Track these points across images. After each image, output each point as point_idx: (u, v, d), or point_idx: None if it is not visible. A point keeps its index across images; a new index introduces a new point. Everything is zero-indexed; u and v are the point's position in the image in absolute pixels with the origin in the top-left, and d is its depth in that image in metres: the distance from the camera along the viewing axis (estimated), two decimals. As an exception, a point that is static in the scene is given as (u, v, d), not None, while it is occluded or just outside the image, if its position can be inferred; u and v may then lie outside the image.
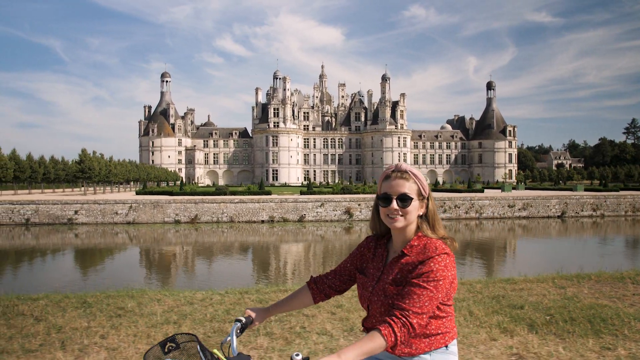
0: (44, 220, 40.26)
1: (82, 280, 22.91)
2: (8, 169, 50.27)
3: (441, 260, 2.16)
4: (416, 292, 2.12)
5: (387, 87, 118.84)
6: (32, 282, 20.76)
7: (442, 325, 2.26)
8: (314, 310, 6.79)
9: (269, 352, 5.22)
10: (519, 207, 46.82)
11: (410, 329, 2.07)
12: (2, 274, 24.39)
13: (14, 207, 39.98)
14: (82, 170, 52.05)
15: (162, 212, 41.59)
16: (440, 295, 2.14)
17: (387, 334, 2.03)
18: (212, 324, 6.25)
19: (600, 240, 37.22)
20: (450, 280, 2.18)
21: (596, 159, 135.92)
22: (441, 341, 2.26)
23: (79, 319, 6.46)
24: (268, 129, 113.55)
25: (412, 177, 2.28)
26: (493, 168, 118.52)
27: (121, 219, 41.02)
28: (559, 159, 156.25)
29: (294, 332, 5.88)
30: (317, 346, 5.43)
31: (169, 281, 22.00)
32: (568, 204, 47.77)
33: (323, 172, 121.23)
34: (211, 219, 42.33)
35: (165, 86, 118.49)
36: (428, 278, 2.13)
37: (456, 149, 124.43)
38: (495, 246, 33.79)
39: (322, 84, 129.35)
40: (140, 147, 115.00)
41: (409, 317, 2.08)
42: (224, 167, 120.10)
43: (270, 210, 43.17)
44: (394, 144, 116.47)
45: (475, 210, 46.13)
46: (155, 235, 37.82)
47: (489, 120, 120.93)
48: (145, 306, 7.14)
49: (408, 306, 2.10)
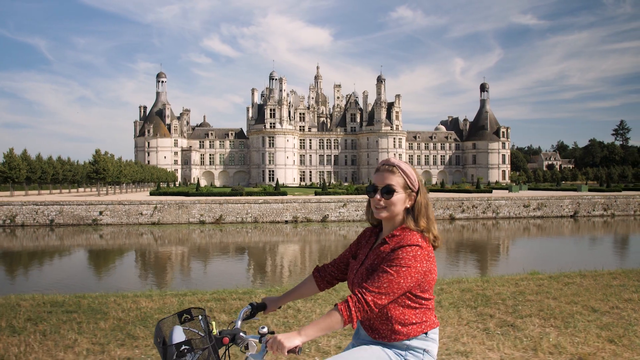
0: (69, 221, 40.05)
1: (97, 279, 23.05)
2: (21, 170, 49.82)
3: (410, 250, 2.26)
4: (378, 274, 2.25)
5: (382, 89, 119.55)
6: (38, 282, 20.91)
7: (416, 315, 2.37)
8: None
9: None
10: (533, 207, 47.84)
11: (364, 305, 2.19)
12: (24, 275, 24.38)
13: (38, 207, 39.72)
14: (96, 170, 51.74)
15: (187, 212, 41.63)
16: (402, 281, 2.23)
17: (342, 309, 2.18)
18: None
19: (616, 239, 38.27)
20: (419, 271, 2.27)
21: (586, 160, 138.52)
22: (418, 329, 2.38)
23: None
24: (264, 130, 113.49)
25: (399, 171, 2.40)
26: (487, 169, 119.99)
27: (146, 220, 40.96)
28: (550, 160, 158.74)
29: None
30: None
31: (198, 280, 22.23)
32: (580, 204, 48.96)
33: (319, 172, 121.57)
34: (235, 219, 42.50)
35: (161, 86, 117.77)
36: (392, 263, 2.24)
37: (450, 150, 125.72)
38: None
39: (317, 85, 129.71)
40: (136, 147, 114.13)
41: (364, 294, 2.20)
42: (220, 168, 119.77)
43: (294, 210, 43.47)
44: (389, 145, 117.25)
45: (492, 210, 47.01)
46: (181, 236, 37.87)
47: (483, 122, 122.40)
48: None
49: (367, 285, 2.24)
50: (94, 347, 5.26)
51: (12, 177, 49.33)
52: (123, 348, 5.25)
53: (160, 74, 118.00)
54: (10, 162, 49.08)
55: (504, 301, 7.21)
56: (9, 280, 22.98)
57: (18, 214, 39.24)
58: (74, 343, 5.38)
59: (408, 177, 2.39)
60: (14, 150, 50.26)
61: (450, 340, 5.43)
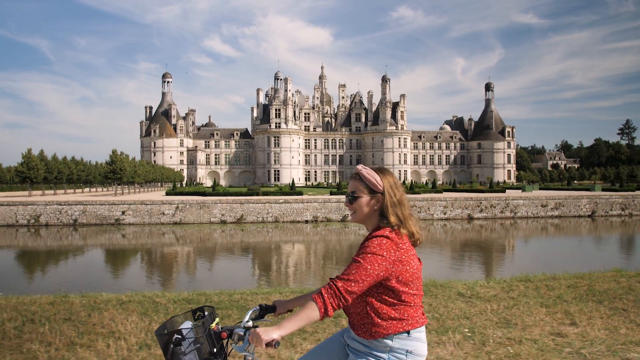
0: (92, 221, 40.15)
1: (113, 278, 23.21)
2: (39, 170, 49.87)
3: (375, 240, 2.39)
4: (349, 264, 2.38)
5: (387, 88, 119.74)
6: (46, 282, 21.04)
7: (396, 311, 2.41)
8: None
9: None
10: (551, 207, 48.08)
11: (336, 291, 2.28)
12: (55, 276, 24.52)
13: (62, 207, 39.82)
14: (113, 170, 51.86)
15: (208, 212, 41.77)
16: (370, 267, 2.32)
17: (316, 297, 2.29)
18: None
19: None
20: (387, 259, 2.36)
21: (592, 160, 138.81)
22: (399, 326, 2.41)
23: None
24: (270, 130, 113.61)
25: (361, 177, 2.57)
26: (492, 168, 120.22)
27: (168, 220, 41.09)
28: (554, 160, 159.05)
29: None
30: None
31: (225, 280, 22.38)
32: (598, 203, 49.19)
33: (324, 172, 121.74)
34: (256, 219, 42.64)
35: (166, 87, 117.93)
36: (359, 252, 2.39)
37: (455, 150, 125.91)
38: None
39: (321, 84, 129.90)
40: (142, 147, 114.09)
41: (335, 282, 2.31)
42: (225, 168, 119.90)
43: (314, 210, 43.65)
44: (394, 145, 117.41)
45: (510, 209, 47.25)
46: (202, 236, 38.02)
47: (488, 121, 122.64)
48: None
49: (339, 274, 2.38)
50: None
51: (30, 177, 49.40)
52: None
53: (165, 74, 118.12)
54: (29, 162, 49.13)
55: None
56: (27, 279, 23.07)
57: (42, 214, 39.35)
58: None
59: (369, 181, 2.54)
60: (31, 150, 50.33)
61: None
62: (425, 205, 46.00)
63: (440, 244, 34.10)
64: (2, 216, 38.90)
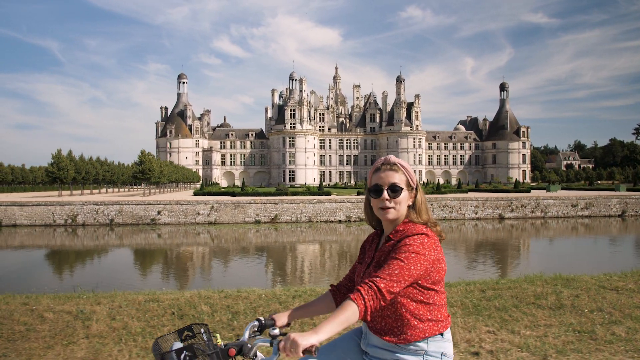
0: (128, 221, 40.40)
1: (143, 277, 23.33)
2: (69, 171, 50.23)
3: (417, 238, 2.24)
4: (388, 263, 2.20)
5: (402, 88, 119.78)
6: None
7: (430, 312, 2.29)
8: None
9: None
10: (581, 207, 48.02)
11: (377, 292, 2.11)
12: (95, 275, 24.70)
13: (98, 207, 40.10)
14: (142, 171, 52.13)
15: (243, 212, 41.95)
16: (413, 268, 2.18)
17: (356, 297, 2.09)
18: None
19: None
20: (428, 259, 2.23)
21: (606, 160, 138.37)
22: (435, 328, 2.29)
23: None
24: (285, 130, 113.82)
25: (401, 169, 2.39)
26: (507, 169, 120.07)
27: (203, 219, 41.29)
28: (568, 160, 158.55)
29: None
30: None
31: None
32: (628, 203, 49.08)
33: (338, 173, 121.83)
34: (290, 219, 42.80)
35: (182, 87, 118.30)
36: (400, 250, 2.21)
37: (470, 150, 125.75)
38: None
39: (336, 85, 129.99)
40: (158, 148, 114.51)
41: (375, 282, 2.13)
42: (241, 169, 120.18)
43: (347, 210, 43.77)
44: (409, 145, 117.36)
45: (541, 209, 47.24)
46: (237, 235, 38.17)
47: (503, 121, 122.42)
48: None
49: (378, 273, 2.17)
50: None
51: (60, 177, 49.76)
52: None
53: (181, 75, 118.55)
54: (59, 163, 49.49)
55: None
56: (67, 276, 23.26)
57: (79, 214, 39.63)
58: None
59: (409, 174, 2.40)
60: (61, 151, 50.71)
61: None
62: (456, 205, 46.03)
63: (500, 243, 34.14)
64: (39, 216, 39.21)
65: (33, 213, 39.10)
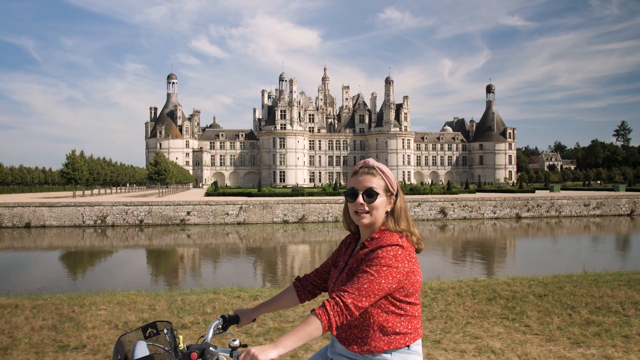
0: (157, 222, 40.18)
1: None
2: (83, 171, 49.61)
3: (390, 250, 2.12)
4: (357, 276, 2.10)
5: (391, 90, 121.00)
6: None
7: (402, 324, 2.19)
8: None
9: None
10: (593, 206, 49.66)
11: (343, 308, 2.02)
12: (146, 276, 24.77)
13: (128, 208, 39.80)
14: (158, 172, 51.81)
15: (271, 212, 42.14)
16: (384, 281, 2.08)
17: (320, 313, 2.00)
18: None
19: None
20: (401, 271, 2.12)
21: (588, 160, 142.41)
22: (401, 341, 2.19)
23: None
24: (275, 131, 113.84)
25: (379, 173, 2.28)
26: (494, 169, 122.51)
27: (232, 220, 41.33)
28: (550, 161, 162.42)
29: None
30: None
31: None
32: (636, 202, 50.95)
33: (328, 173, 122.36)
34: (317, 219, 43.15)
35: (172, 88, 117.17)
36: (372, 263, 2.10)
37: (457, 151, 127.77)
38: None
39: (325, 86, 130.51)
40: (147, 148, 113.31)
41: (342, 297, 2.04)
42: (231, 169, 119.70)
43: (372, 210, 44.28)
44: (398, 146, 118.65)
45: (555, 209, 48.69)
46: (265, 235, 38.34)
47: (489, 123, 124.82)
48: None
49: (345, 287, 2.08)
50: None
51: (74, 178, 49.08)
52: None
53: (171, 75, 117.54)
54: (74, 164, 48.83)
55: None
56: (88, 276, 23.27)
57: (109, 215, 39.24)
58: None
59: (388, 179, 2.30)
60: (75, 151, 50.04)
61: None
62: (476, 205, 47.12)
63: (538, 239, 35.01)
64: (69, 217, 38.69)
65: (62, 214, 38.57)
